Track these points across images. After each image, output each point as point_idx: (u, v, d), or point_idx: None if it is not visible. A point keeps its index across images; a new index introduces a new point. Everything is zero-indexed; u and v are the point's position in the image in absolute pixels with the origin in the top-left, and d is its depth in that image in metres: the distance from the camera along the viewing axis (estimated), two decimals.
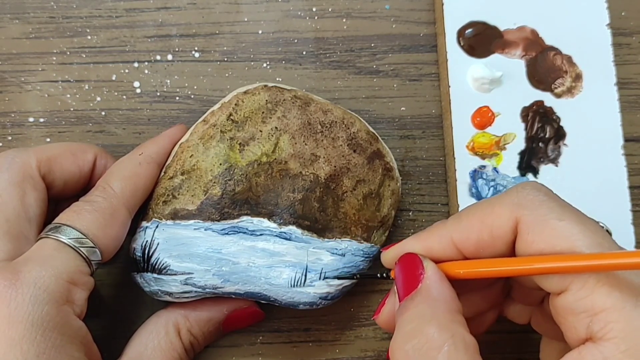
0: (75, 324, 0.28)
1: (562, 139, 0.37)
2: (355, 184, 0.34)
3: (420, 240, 0.29)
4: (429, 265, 0.28)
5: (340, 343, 0.37)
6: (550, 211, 0.26)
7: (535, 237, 0.25)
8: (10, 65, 0.38)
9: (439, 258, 0.28)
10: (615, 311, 0.23)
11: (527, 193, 0.27)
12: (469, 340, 0.25)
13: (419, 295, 0.27)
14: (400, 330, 0.26)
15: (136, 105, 0.38)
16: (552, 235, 0.25)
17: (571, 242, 0.25)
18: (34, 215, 0.30)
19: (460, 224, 0.28)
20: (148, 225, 0.33)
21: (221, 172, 0.33)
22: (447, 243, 0.28)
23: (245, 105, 0.34)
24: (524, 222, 0.26)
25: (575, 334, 0.25)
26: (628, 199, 0.36)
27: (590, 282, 0.24)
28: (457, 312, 0.26)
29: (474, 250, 0.28)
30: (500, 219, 0.27)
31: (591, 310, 0.24)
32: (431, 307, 0.26)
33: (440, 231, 0.28)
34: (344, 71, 0.39)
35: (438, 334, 0.25)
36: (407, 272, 0.28)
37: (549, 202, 0.26)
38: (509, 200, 0.27)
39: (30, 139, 0.37)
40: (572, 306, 0.24)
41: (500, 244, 0.27)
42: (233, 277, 0.32)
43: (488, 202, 0.28)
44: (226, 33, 0.38)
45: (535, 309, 0.32)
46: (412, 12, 0.39)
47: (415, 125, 0.38)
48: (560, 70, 0.38)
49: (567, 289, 0.25)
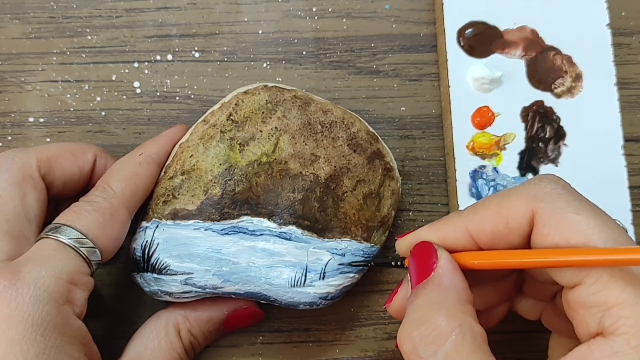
0: (75, 324, 0.28)
1: (562, 139, 0.37)
2: (355, 184, 0.34)
3: (435, 229, 0.29)
4: (442, 254, 0.27)
5: (340, 343, 0.37)
6: (568, 205, 0.25)
7: (551, 230, 0.25)
8: (10, 65, 0.38)
9: (453, 248, 0.28)
10: (628, 307, 0.23)
11: (544, 185, 0.26)
12: (477, 330, 0.25)
13: (430, 283, 0.27)
14: (409, 317, 0.26)
15: (136, 105, 0.38)
16: (568, 228, 0.25)
17: (587, 237, 0.24)
18: (34, 216, 0.30)
19: (476, 215, 0.28)
20: (148, 225, 0.33)
21: (221, 172, 0.33)
22: (462, 233, 0.28)
23: (245, 105, 0.34)
24: (540, 215, 0.26)
25: (586, 328, 0.25)
26: (628, 199, 0.36)
27: (604, 276, 0.24)
28: (467, 302, 0.26)
29: (489, 241, 0.27)
30: (517, 210, 0.26)
31: (604, 305, 0.24)
32: (441, 295, 0.26)
33: (455, 221, 0.28)
34: (344, 71, 0.39)
35: (446, 322, 0.25)
36: (420, 260, 0.28)
37: (566, 195, 0.26)
38: (526, 192, 0.27)
39: (30, 139, 0.37)
40: (584, 300, 0.24)
41: (516, 235, 0.27)
42: (233, 277, 0.32)
43: (505, 193, 0.28)
44: (226, 33, 0.38)
45: (546, 305, 0.32)
46: (412, 12, 0.39)
47: (415, 125, 0.38)
48: (560, 70, 0.38)
49: (580, 282, 0.25)
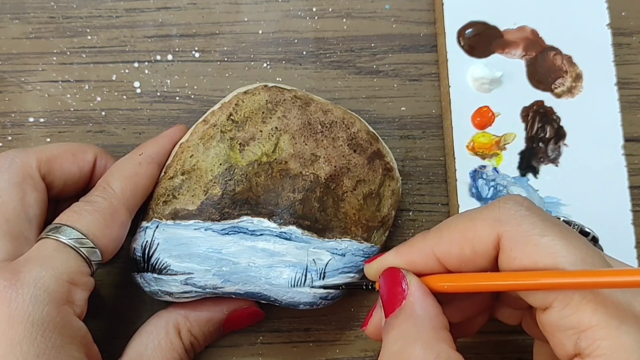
0: (76, 324, 0.28)
1: (562, 139, 0.37)
2: (356, 184, 0.34)
3: (401, 254, 0.29)
4: (412, 281, 0.27)
5: (340, 343, 0.37)
6: (533, 227, 0.25)
7: (517, 253, 0.25)
8: (10, 65, 0.38)
9: (421, 271, 0.28)
10: (602, 329, 0.23)
11: (508, 207, 0.26)
12: (454, 357, 0.25)
13: (402, 313, 0.26)
14: (386, 350, 0.26)
15: (136, 105, 0.38)
16: (535, 251, 0.25)
17: (554, 259, 0.24)
18: (34, 216, 0.30)
19: (442, 238, 0.27)
20: (148, 225, 0.33)
21: (221, 172, 0.33)
22: (429, 256, 0.28)
23: (246, 105, 0.34)
24: (506, 238, 0.25)
25: (563, 349, 0.24)
26: (628, 199, 0.36)
27: (575, 299, 0.24)
28: (443, 328, 0.26)
29: (456, 264, 0.27)
30: (482, 234, 0.26)
31: (577, 327, 0.24)
32: (415, 325, 0.26)
33: (421, 245, 0.28)
34: (344, 71, 0.39)
35: (423, 354, 0.25)
36: (390, 287, 0.28)
37: (531, 217, 0.25)
38: (490, 216, 0.26)
39: (30, 139, 0.37)
40: (557, 323, 0.24)
41: (482, 259, 0.26)
42: (233, 277, 0.32)
43: (469, 216, 0.27)
44: (226, 33, 0.38)
45: (525, 312, 0.31)
46: (412, 12, 0.39)
47: (415, 125, 0.38)
48: (560, 70, 0.38)
49: (551, 305, 0.24)
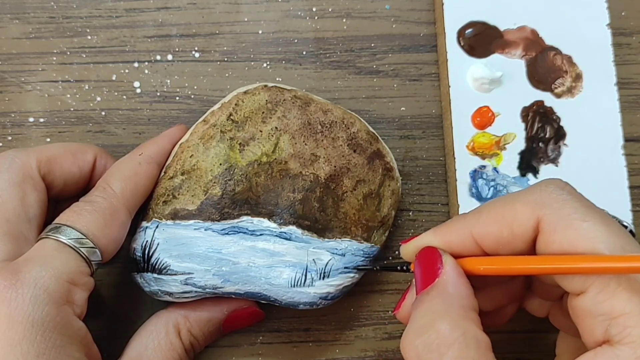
0: (76, 324, 0.28)
1: (562, 139, 0.37)
2: (356, 184, 0.34)
3: (439, 234, 0.29)
4: (447, 260, 0.27)
5: (340, 343, 0.37)
6: (574, 211, 0.25)
7: (557, 237, 0.25)
8: (10, 65, 0.38)
9: (458, 252, 0.28)
10: (634, 317, 0.23)
11: (550, 191, 0.26)
12: (481, 337, 0.25)
13: (434, 289, 0.26)
14: (413, 324, 0.26)
15: (136, 105, 0.38)
16: (575, 235, 0.25)
17: (594, 244, 0.24)
18: (34, 216, 0.30)
19: (480, 219, 0.27)
20: (148, 225, 0.33)
21: (221, 172, 0.33)
22: (466, 238, 0.27)
23: (245, 105, 0.34)
24: (546, 222, 0.25)
25: (592, 335, 0.24)
26: (628, 199, 0.36)
27: (610, 285, 0.24)
28: (472, 309, 0.26)
29: (493, 246, 0.27)
30: (522, 216, 0.26)
31: (610, 313, 0.24)
32: (445, 302, 0.26)
33: (459, 225, 0.28)
34: (344, 71, 0.39)
35: (450, 330, 0.24)
36: (425, 266, 0.27)
37: (572, 201, 0.25)
38: (531, 198, 0.26)
39: (30, 139, 0.37)
40: (590, 308, 0.24)
41: (520, 241, 0.26)
42: (233, 277, 0.32)
43: (510, 198, 0.27)
44: (226, 33, 0.38)
45: (554, 304, 0.31)
46: (412, 12, 0.39)
47: (415, 125, 0.38)
48: (560, 70, 0.38)
49: (586, 290, 0.24)
